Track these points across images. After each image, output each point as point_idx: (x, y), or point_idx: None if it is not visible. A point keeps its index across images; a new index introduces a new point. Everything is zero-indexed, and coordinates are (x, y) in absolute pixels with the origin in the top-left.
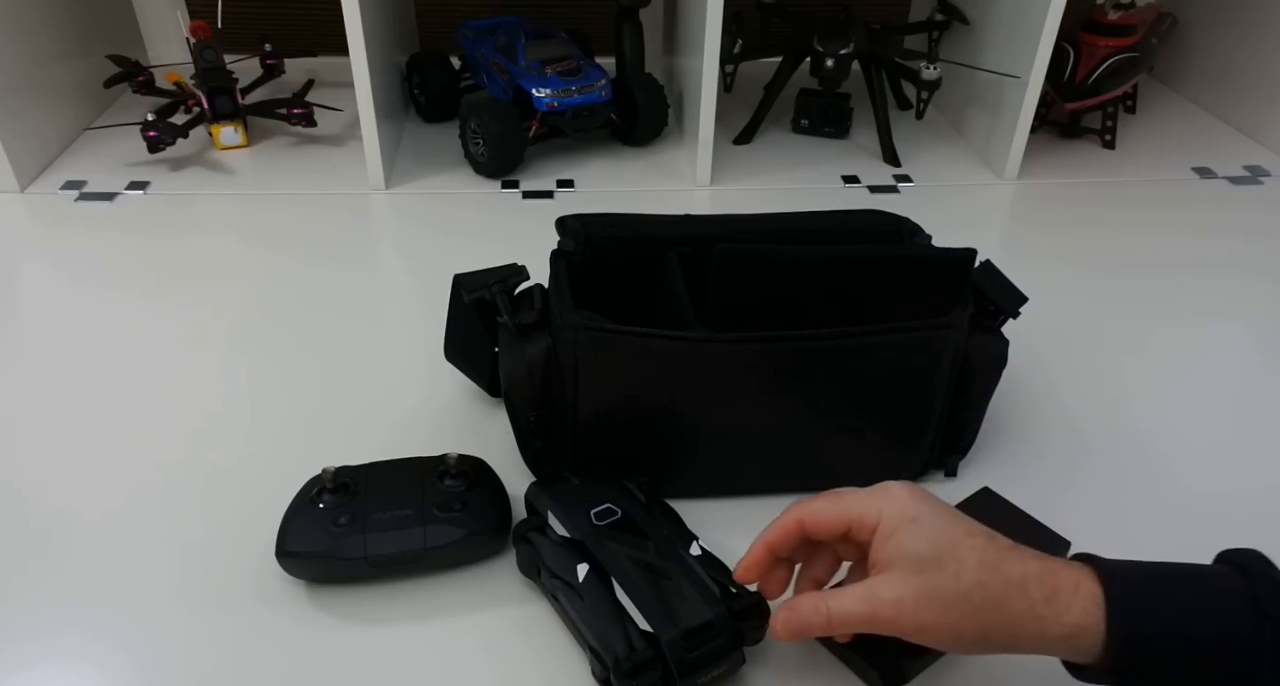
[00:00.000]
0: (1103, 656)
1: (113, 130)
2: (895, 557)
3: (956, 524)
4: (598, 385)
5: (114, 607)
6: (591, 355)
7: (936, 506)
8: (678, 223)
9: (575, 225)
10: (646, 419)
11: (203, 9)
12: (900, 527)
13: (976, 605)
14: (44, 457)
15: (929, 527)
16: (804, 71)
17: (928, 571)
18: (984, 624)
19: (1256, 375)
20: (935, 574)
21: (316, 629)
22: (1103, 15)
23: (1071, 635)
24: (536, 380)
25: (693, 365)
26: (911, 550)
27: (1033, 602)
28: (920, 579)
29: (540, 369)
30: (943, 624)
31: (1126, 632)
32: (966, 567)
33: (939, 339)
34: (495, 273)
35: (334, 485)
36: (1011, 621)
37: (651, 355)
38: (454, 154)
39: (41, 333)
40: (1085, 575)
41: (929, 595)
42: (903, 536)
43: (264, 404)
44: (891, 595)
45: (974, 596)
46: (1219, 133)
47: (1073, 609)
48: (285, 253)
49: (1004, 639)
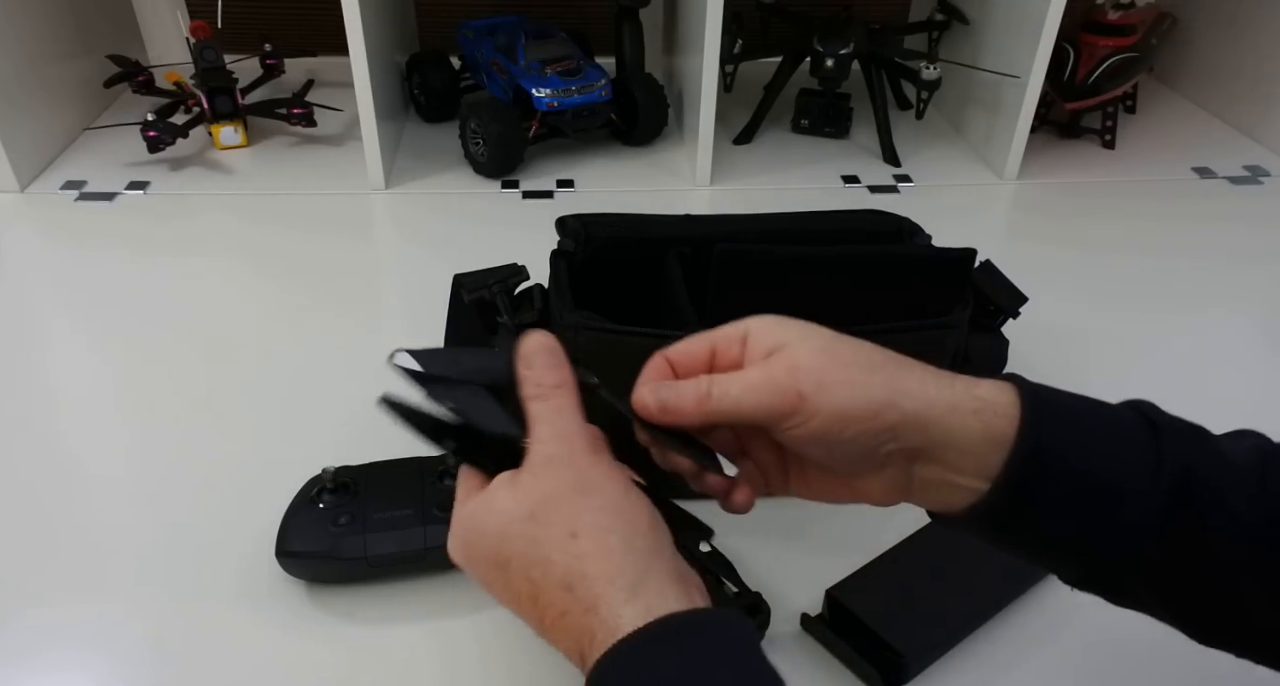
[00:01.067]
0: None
1: (113, 130)
2: (779, 340)
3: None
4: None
5: (113, 607)
6: (591, 355)
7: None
8: (678, 223)
9: (575, 225)
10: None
11: (203, 9)
12: (775, 323)
13: (879, 365)
14: (43, 457)
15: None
16: (804, 71)
17: (813, 338)
18: (892, 384)
19: (1257, 374)
20: (828, 340)
21: (316, 629)
22: (1103, 15)
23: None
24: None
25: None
26: (790, 329)
27: (936, 374)
28: (809, 343)
29: None
30: (849, 382)
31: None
32: (863, 343)
33: (939, 339)
34: (495, 272)
35: (334, 485)
36: (921, 386)
37: (650, 355)
38: (454, 154)
39: (41, 332)
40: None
41: (829, 355)
42: (778, 326)
43: (264, 403)
44: (784, 360)
45: (874, 358)
46: (1219, 133)
47: (983, 385)
48: (285, 253)
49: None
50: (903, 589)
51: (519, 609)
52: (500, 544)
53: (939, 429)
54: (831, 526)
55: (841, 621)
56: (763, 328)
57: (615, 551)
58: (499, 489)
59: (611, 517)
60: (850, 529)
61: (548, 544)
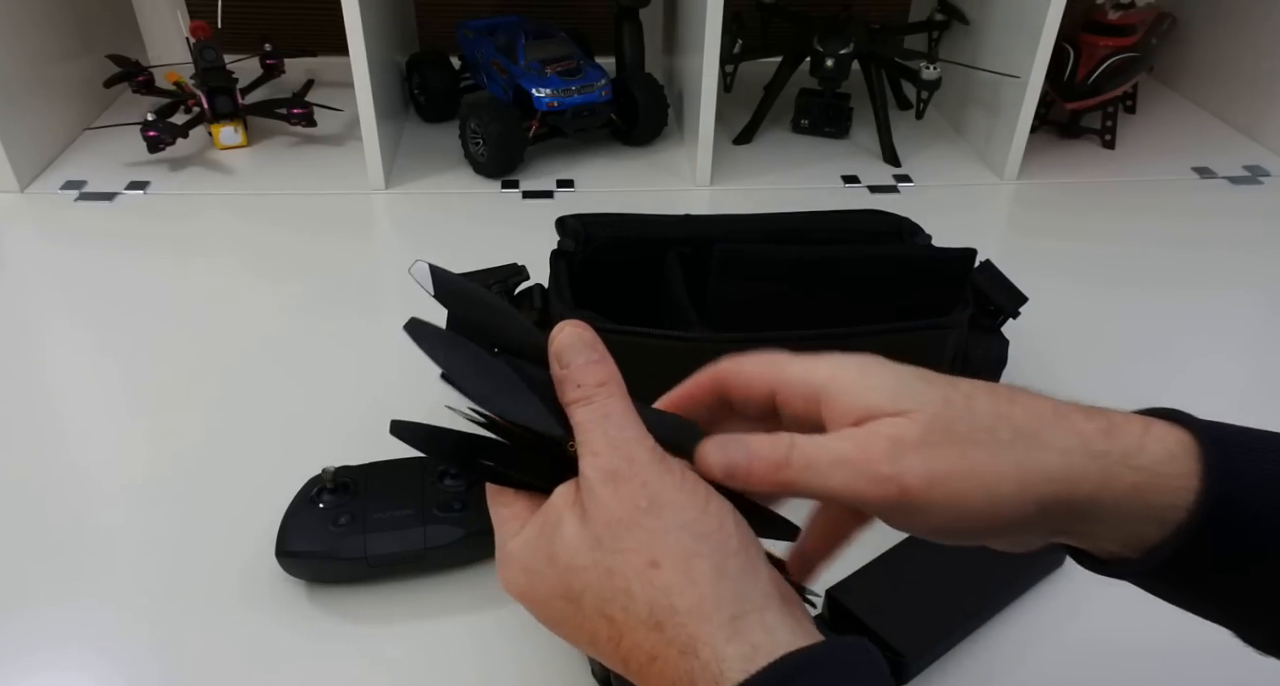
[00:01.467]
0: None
1: (113, 130)
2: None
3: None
4: None
5: (113, 607)
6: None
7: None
8: (677, 223)
9: (575, 225)
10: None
11: (203, 9)
12: (864, 373)
13: (1008, 441)
14: (43, 458)
15: (903, 370)
16: (804, 71)
17: (924, 406)
18: (1023, 469)
19: (1256, 376)
20: (938, 407)
21: (316, 629)
22: (1103, 15)
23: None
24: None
25: (692, 365)
26: (891, 388)
27: (1084, 436)
28: (919, 414)
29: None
30: (967, 472)
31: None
32: (976, 400)
33: (939, 339)
34: (495, 272)
35: (334, 485)
36: (1063, 464)
37: (651, 355)
38: (454, 154)
39: (41, 333)
40: (1152, 419)
41: (940, 430)
42: (872, 379)
43: (264, 403)
44: (889, 430)
45: (1000, 430)
46: (1219, 133)
47: (1148, 448)
48: (285, 253)
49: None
50: (903, 589)
51: (598, 650)
52: (569, 577)
53: (1087, 507)
54: None
55: (842, 621)
56: (850, 379)
57: (706, 579)
58: (558, 518)
59: (696, 539)
60: None
61: (625, 575)
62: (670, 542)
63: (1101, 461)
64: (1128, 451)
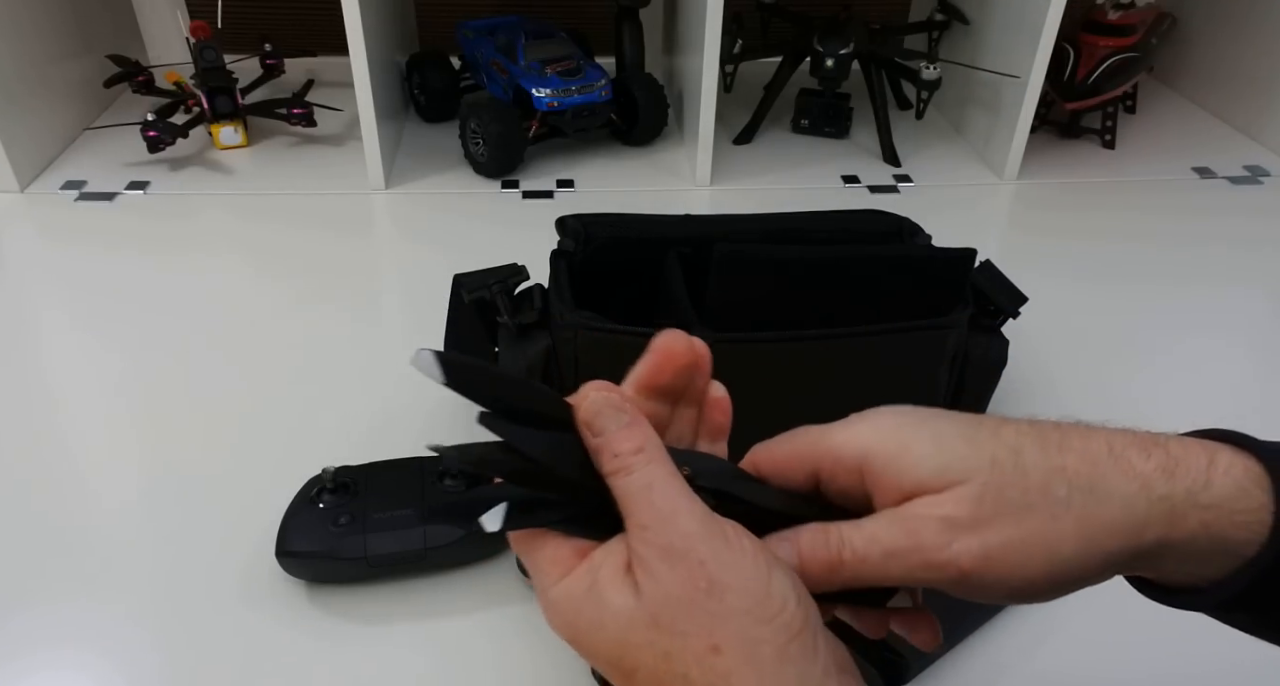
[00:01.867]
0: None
1: (113, 130)
2: (917, 476)
3: (979, 419)
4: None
5: (113, 607)
6: (591, 355)
7: (936, 411)
8: (678, 223)
9: (575, 225)
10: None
11: (203, 9)
12: (906, 442)
13: (1064, 499)
14: (43, 458)
15: (945, 428)
16: (804, 71)
17: (972, 476)
18: (1085, 526)
19: (1255, 376)
20: (986, 474)
21: (316, 629)
22: (1103, 15)
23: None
24: (536, 380)
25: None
26: (936, 459)
27: (1144, 479)
28: (967, 487)
29: (540, 369)
30: (1025, 541)
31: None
32: (1025, 455)
33: (939, 339)
34: (495, 273)
35: (334, 485)
36: (1126, 514)
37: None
38: (454, 154)
39: (41, 333)
40: (1215, 446)
41: (991, 500)
42: (915, 449)
43: (263, 403)
44: (938, 512)
45: (1055, 488)
46: (1219, 133)
47: (1215, 482)
48: (285, 253)
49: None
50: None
51: None
52: (622, 652)
53: (1155, 550)
54: None
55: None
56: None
57: (769, 665)
58: (608, 585)
59: (757, 623)
60: None
61: (684, 659)
62: (732, 628)
63: (1166, 503)
64: (1193, 489)
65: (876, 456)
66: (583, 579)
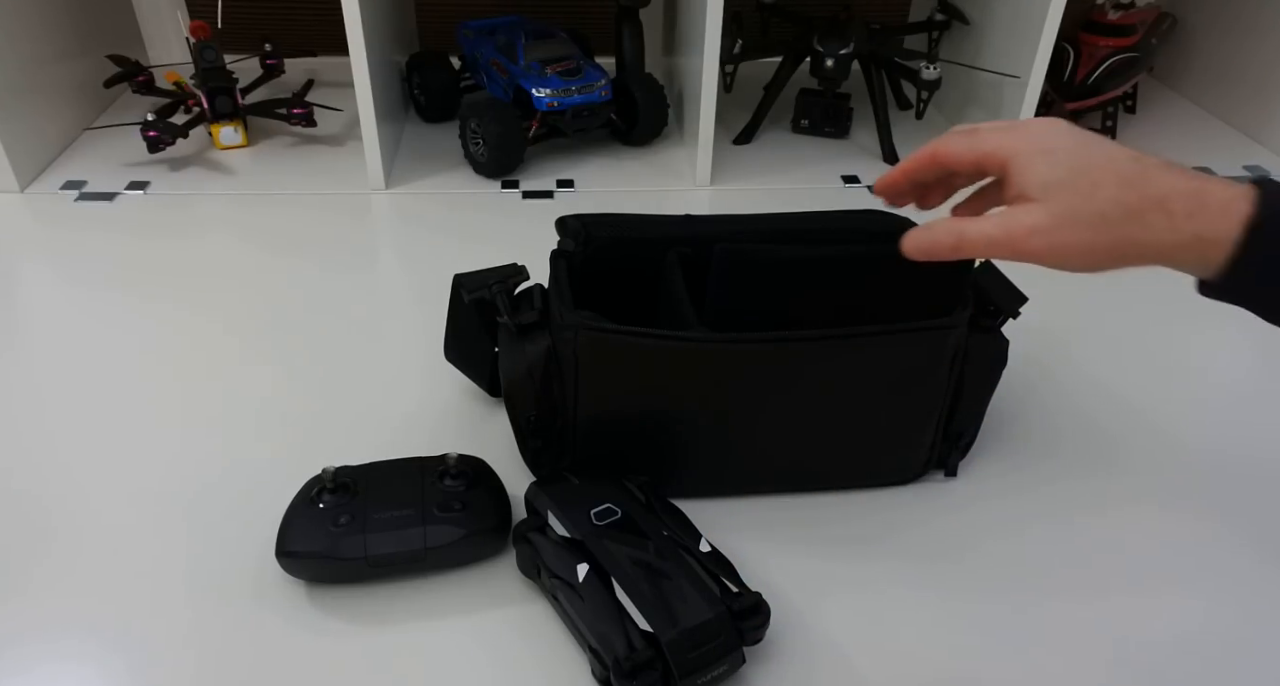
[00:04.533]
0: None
1: (113, 130)
2: (1029, 187)
3: (1097, 149)
4: (598, 385)
5: (113, 607)
6: (591, 355)
7: (1077, 137)
8: (678, 223)
9: (575, 225)
10: (646, 418)
11: (203, 9)
12: (1033, 159)
13: (1112, 222)
14: (43, 458)
15: (1063, 156)
16: (804, 71)
17: (1062, 195)
18: (1117, 239)
19: (1255, 374)
20: (1069, 197)
21: (316, 629)
22: (1103, 15)
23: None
24: (536, 380)
25: (692, 365)
26: (1045, 177)
27: (1172, 217)
28: (1054, 203)
29: (540, 369)
30: (1077, 243)
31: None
32: (1102, 188)
33: (939, 339)
34: (495, 272)
35: (334, 485)
36: (1146, 237)
37: (651, 355)
38: (454, 154)
39: (41, 333)
40: (1241, 196)
41: (1065, 217)
42: (1036, 166)
43: (264, 404)
44: (1028, 220)
45: (1110, 214)
46: (1219, 133)
47: (1215, 226)
48: (285, 253)
49: (1135, 252)
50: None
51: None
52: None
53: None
54: (831, 525)
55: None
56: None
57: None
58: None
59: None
60: (851, 529)
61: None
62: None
63: (1174, 234)
64: (1198, 227)
65: (1013, 163)
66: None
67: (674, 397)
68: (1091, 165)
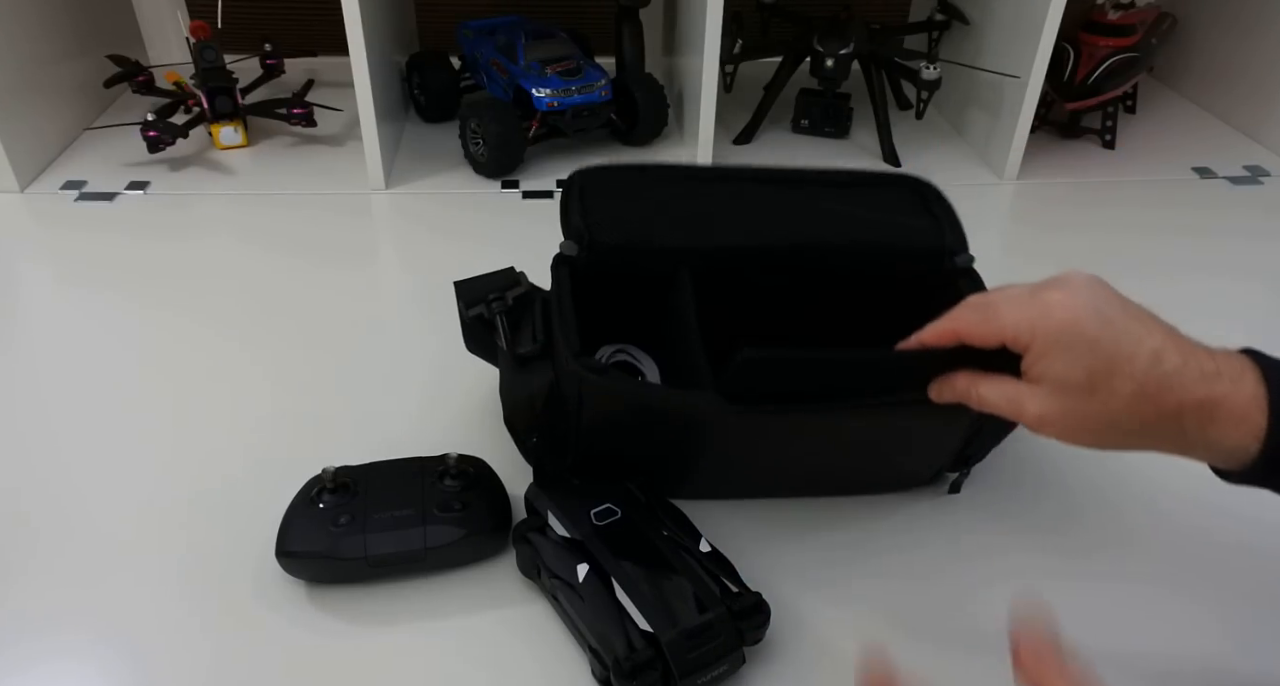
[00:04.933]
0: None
1: (113, 130)
2: (1045, 377)
3: (1123, 342)
4: (601, 423)
5: (113, 607)
6: (595, 400)
7: (1100, 322)
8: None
9: (578, 225)
10: (650, 445)
11: (203, 9)
12: (1051, 351)
13: (1124, 430)
14: (43, 458)
15: (1084, 354)
16: (804, 71)
17: (1077, 396)
18: (1125, 442)
19: None
20: (1084, 399)
21: (316, 629)
22: (1103, 15)
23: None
24: (538, 409)
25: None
26: (1062, 375)
27: (1185, 433)
28: (1068, 401)
29: (542, 399)
30: (1083, 438)
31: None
32: (1118, 397)
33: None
34: (492, 281)
35: (334, 485)
36: (1157, 446)
37: (651, 409)
38: (454, 154)
39: (41, 333)
40: (1258, 403)
41: (1075, 416)
42: (1054, 360)
43: (264, 404)
44: (1036, 409)
45: (1122, 424)
46: (1219, 133)
47: (1230, 437)
48: (285, 253)
49: (1145, 448)
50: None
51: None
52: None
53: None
54: (832, 527)
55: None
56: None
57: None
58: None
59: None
60: (851, 530)
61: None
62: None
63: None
64: (1214, 439)
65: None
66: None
67: (680, 441)
68: (1111, 370)
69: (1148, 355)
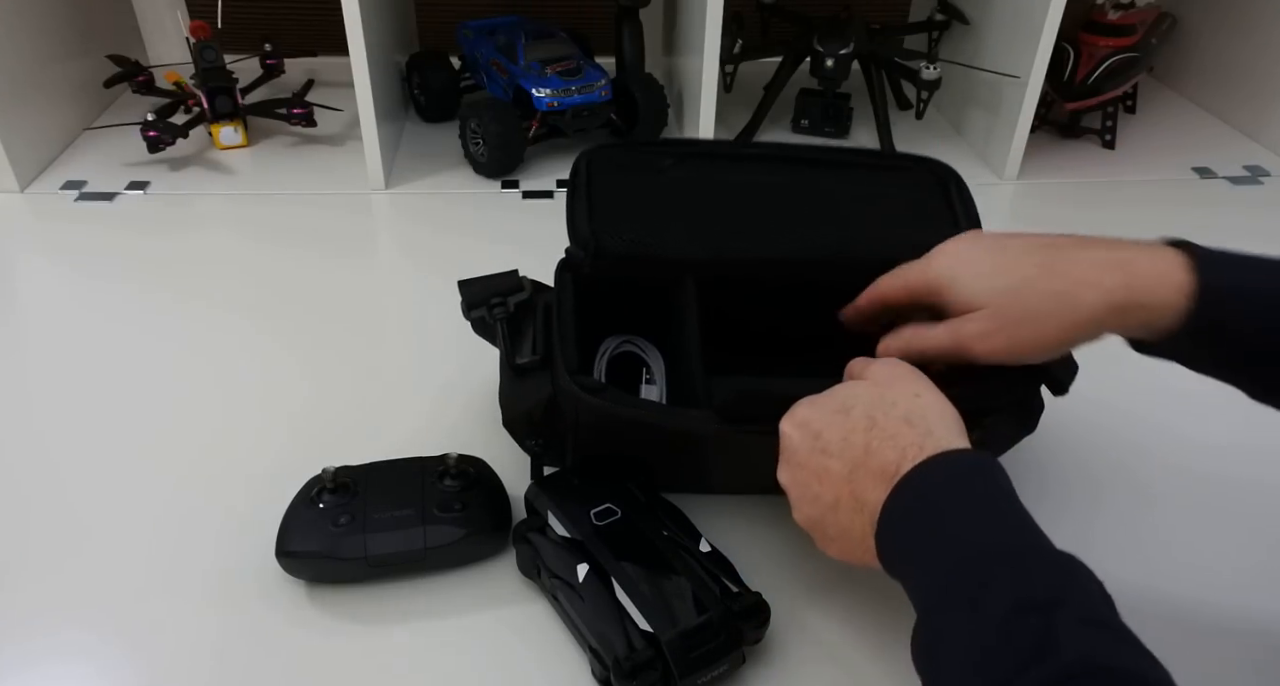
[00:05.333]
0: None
1: (113, 130)
2: (965, 301)
3: (1011, 248)
4: (599, 434)
5: (113, 607)
6: (592, 417)
7: (987, 244)
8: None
9: (584, 230)
10: (650, 452)
11: (203, 9)
12: (957, 276)
13: (1050, 311)
14: (43, 457)
15: (984, 265)
16: (804, 71)
17: (996, 299)
18: (1059, 325)
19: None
20: (1002, 299)
21: (316, 629)
22: (1102, 15)
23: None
24: (536, 419)
25: (687, 439)
26: (974, 287)
27: (1109, 293)
28: (992, 307)
29: (541, 410)
30: (1023, 338)
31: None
32: (1029, 282)
33: None
34: (494, 285)
35: (334, 485)
36: (1086, 315)
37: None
38: (454, 154)
39: (41, 333)
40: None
41: (1005, 318)
42: (962, 281)
43: (264, 404)
44: (974, 327)
45: (1045, 305)
46: (1219, 133)
47: (1156, 292)
48: (285, 253)
49: (1083, 331)
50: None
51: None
52: (846, 398)
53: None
54: None
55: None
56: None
57: (948, 412)
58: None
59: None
60: None
61: (894, 398)
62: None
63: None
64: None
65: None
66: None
67: (676, 446)
68: (1012, 265)
69: (1041, 243)
